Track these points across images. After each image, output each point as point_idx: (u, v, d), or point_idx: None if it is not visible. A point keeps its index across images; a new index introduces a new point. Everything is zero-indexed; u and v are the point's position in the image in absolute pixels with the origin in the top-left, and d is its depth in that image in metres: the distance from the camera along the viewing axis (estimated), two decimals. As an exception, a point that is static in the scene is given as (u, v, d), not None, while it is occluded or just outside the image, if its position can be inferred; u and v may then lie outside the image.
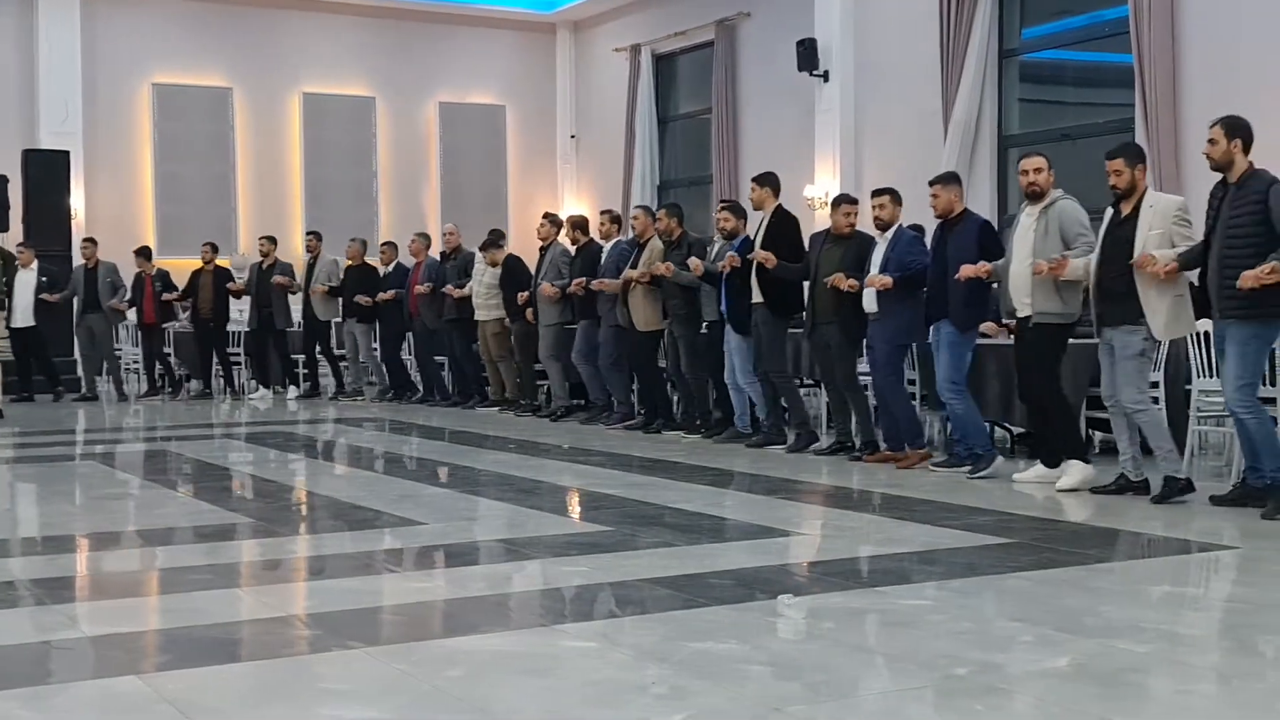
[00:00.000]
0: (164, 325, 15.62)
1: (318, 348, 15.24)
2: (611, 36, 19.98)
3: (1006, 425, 9.76)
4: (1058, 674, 4.00)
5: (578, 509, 7.60)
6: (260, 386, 15.47)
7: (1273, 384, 7.43)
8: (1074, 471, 7.68)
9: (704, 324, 10.48)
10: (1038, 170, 7.70)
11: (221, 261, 15.80)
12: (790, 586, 5.13)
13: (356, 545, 6.33)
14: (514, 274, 12.74)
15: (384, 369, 14.99)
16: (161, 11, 18.46)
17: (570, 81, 21.07)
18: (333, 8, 19.30)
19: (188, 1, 18.56)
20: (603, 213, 12.17)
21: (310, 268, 15.09)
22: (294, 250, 17.42)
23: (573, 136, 21.01)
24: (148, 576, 5.77)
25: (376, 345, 14.86)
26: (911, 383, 9.91)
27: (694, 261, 10.19)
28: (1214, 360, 7.50)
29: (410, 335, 14.45)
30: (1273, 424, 6.93)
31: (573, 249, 12.07)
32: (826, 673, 4.03)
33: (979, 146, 13.77)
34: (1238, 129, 6.80)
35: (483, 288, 12.95)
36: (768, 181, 9.93)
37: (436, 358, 14.23)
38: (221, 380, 15.90)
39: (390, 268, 14.67)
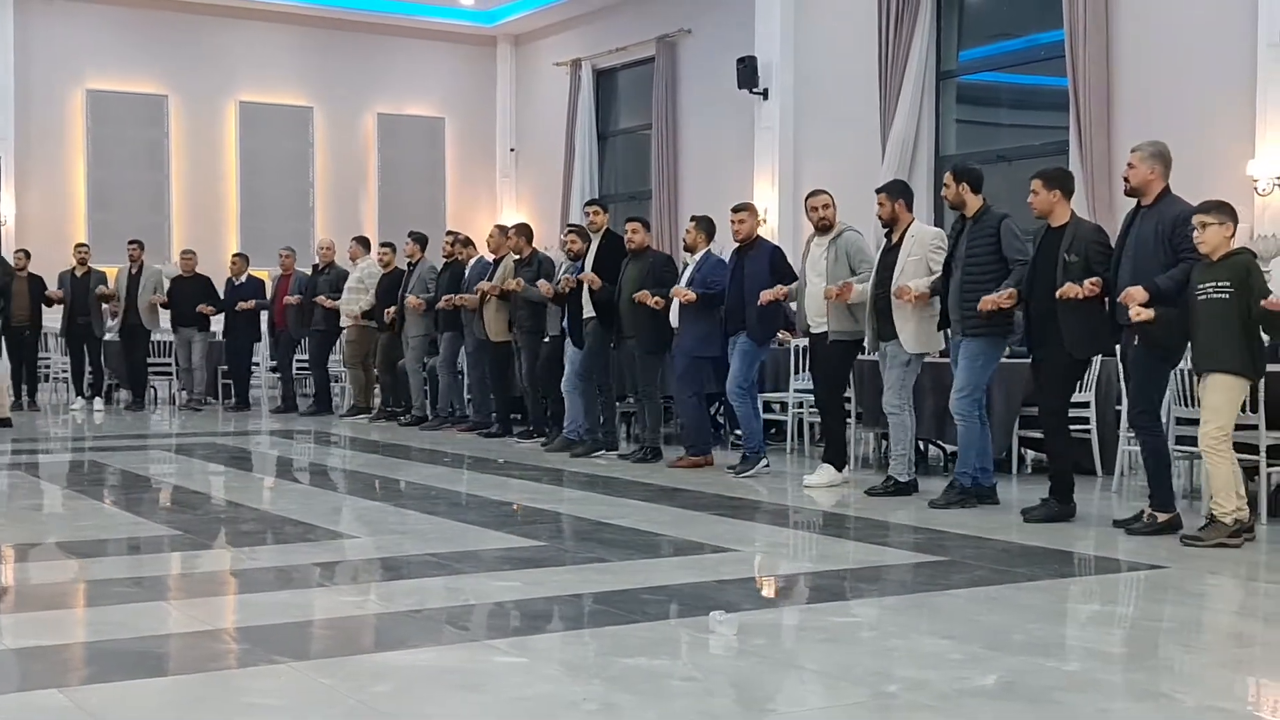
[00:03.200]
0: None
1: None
2: (552, 50, 19.95)
3: (939, 443, 9.80)
4: (986, 691, 4.02)
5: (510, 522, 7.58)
6: (79, 396, 15.44)
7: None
8: (824, 473, 8.64)
9: (546, 337, 11.10)
10: (825, 206, 8.69)
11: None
12: (723, 603, 5.12)
13: (287, 559, 6.26)
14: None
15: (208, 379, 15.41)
16: (96, 17, 18.21)
17: (510, 95, 21.01)
18: (271, 16, 19.12)
19: (123, 7, 18.32)
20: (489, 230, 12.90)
21: (134, 277, 15.10)
22: (222, 262, 17.30)
23: (512, 150, 20.94)
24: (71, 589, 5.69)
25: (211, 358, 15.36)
26: (847, 399, 9.95)
27: (542, 284, 10.84)
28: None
29: (260, 346, 14.99)
30: (983, 431, 7.72)
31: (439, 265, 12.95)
32: (758, 689, 4.03)
33: (916, 165, 13.86)
34: (965, 174, 7.71)
35: (354, 280, 13.75)
36: (606, 207, 10.87)
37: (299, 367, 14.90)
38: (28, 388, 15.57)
39: (243, 279, 15.06)
